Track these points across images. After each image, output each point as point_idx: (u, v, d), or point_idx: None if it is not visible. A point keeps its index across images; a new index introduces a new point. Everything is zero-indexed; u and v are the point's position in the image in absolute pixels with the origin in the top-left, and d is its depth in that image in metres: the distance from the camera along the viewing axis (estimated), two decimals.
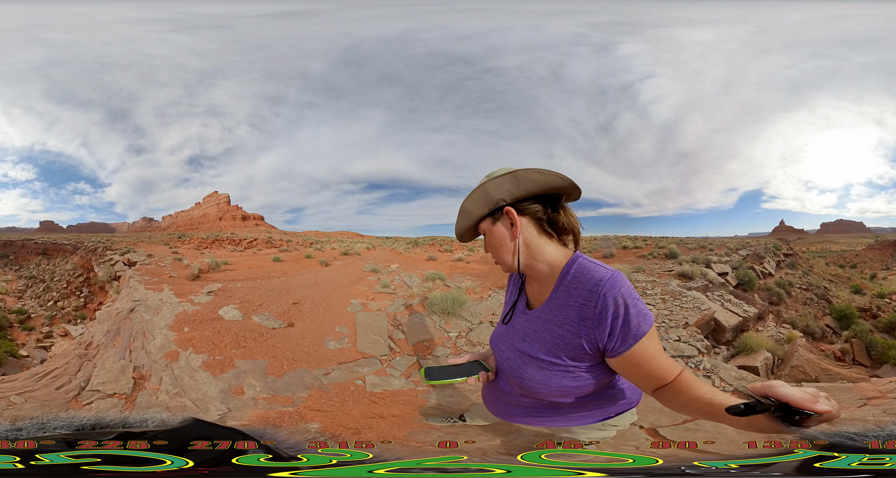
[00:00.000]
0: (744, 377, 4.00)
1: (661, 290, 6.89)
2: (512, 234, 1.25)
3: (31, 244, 15.80)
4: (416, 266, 10.49)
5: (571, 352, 1.18)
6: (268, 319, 5.35)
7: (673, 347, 4.67)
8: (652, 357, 1.13)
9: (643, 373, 1.14)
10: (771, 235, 15.61)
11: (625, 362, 1.14)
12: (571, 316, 1.17)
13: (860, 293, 11.77)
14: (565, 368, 1.19)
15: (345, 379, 3.86)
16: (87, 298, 12.98)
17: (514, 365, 1.28)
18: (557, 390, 1.22)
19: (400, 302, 6.08)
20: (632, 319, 1.10)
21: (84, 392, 3.67)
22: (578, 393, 1.23)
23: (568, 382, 1.20)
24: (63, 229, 16.65)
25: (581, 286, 1.16)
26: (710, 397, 1.03)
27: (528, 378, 1.24)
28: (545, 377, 1.21)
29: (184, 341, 4.45)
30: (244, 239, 15.75)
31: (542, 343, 1.22)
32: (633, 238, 14.23)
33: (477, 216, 1.26)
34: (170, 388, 3.63)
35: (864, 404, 2.98)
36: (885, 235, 15.00)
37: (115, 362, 4.14)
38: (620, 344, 1.11)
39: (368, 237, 18.16)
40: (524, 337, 1.28)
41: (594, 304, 1.12)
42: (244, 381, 3.76)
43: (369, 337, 4.78)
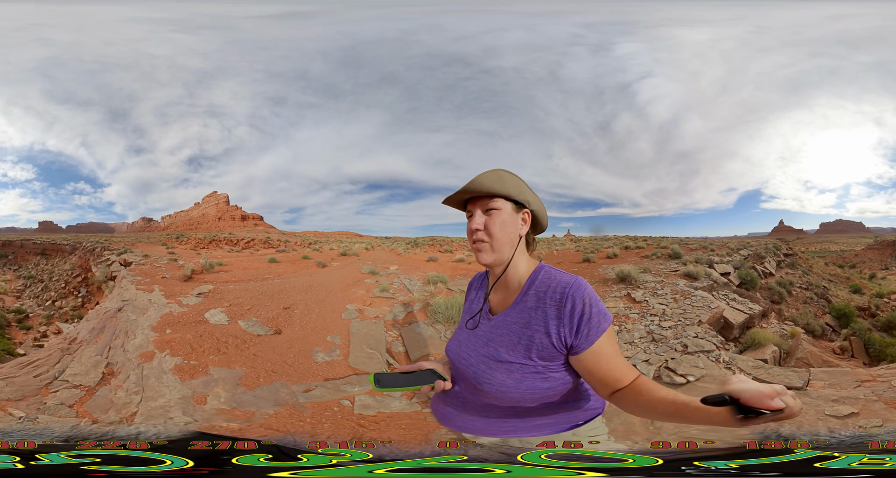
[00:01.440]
0: (761, 365, 4.11)
1: (671, 289, 7.02)
2: (519, 230, 1.30)
3: (30, 244, 15.78)
4: (416, 267, 10.45)
5: (542, 352, 1.21)
6: (254, 324, 5.14)
7: (693, 342, 4.82)
8: (610, 356, 1.18)
9: (603, 372, 1.18)
10: (770, 235, 15.63)
11: (586, 360, 1.19)
12: (541, 316, 1.21)
13: (859, 293, 11.80)
14: (536, 369, 1.21)
15: (328, 398, 3.54)
16: (85, 297, 12.97)
17: (480, 372, 1.27)
18: (529, 393, 1.22)
19: (400, 308, 5.88)
20: (594, 318, 1.17)
21: (55, 382, 3.81)
22: (549, 396, 1.24)
23: (540, 383, 1.22)
24: (62, 229, 16.63)
25: (550, 289, 1.23)
26: (672, 397, 1.06)
27: (499, 383, 1.23)
28: (517, 380, 1.22)
29: (162, 343, 4.37)
30: (241, 239, 15.73)
31: (511, 346, 1.24)
32: (634, 238, 14.24)
33: (506, 192, 1.26)
34: (132, 386, 3.63)
35: (859, 385, 3.40)
36: (884, 234, 15.03)
37: (91, 357, 4.23)
38: (584, 341, 1.17)
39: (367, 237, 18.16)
40: (487, 342, 1.29)
41: (563, 304, 1.19)
42: (211, 389, 3.59)
43: (364, 350, 4.50)
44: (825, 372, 3.79)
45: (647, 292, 6.98)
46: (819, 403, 3.20)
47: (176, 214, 19.21)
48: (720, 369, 4.11)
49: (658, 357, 4.55)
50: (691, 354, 4.54)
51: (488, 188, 1.25)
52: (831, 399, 3.25)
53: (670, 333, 5.18)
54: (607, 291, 7.44)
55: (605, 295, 7.17)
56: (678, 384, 3.96)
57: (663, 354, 4.64)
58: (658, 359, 4.50)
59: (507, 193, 1.25)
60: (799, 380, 3.64)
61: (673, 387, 3.93)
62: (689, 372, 4.04)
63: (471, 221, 1.28)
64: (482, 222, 1.26)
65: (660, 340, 5.03)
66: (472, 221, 1.27)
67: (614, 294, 7.17)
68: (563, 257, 12.13)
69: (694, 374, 4.02)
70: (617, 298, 6.88)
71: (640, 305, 6.41)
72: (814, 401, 3.24)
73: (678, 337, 5.02)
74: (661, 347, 4.83)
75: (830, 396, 3.30)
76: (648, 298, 6.71)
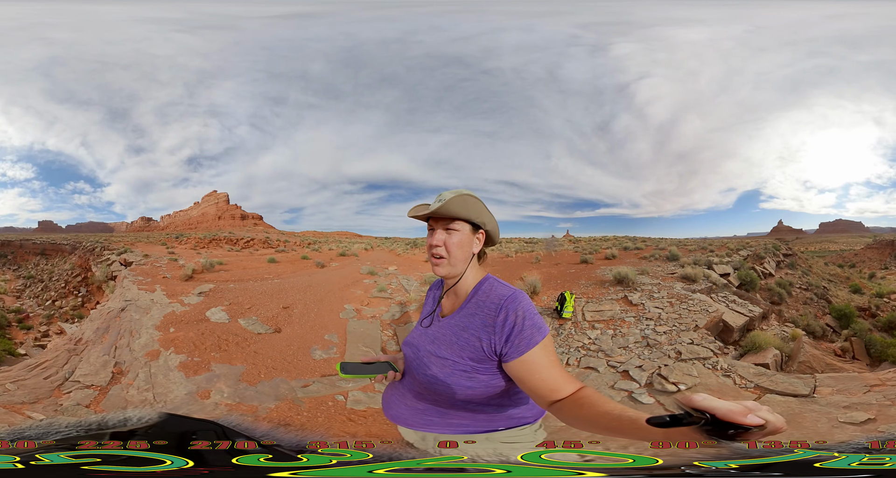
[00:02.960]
0: (763, 372, 4.04)
1: (668, 293, 6.94)
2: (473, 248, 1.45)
3: (30, 244, 15.77)
4: (414, 268, 10.47)
5: (472, 353, 1.34)
6: (254, 323, 5.27)
7: (687, 349, 4.75)
8: (543, 367, 1.26)
9: (535, 382, 1.26)
10: (770, 235, 15.63)
11: (518, 368, 1.28)
12: (477, 323, 1.35)
13: (859, 293, 11.80)
14: (464, 367, 1.34)
15: (324, 393, 3.72)
16: (85, 297, 12.96)
17: (421, 364, 1.43)
18: (452, 389, 1.36)
19: (396, 308, 5.97)
20: (526, 330, 1.27)
21: (66, 383, 3.89)
22: (470, 396, 1.36)
23: (464, 381, 1.34)
24: (62, 229, 16.63)
25: (488, 299, 1.37)
26: (618, 412, 1.07)
27: (431, 375, 1.39)
28: (445, 375, 1.36)
29: (167, 341, 4.47)
30: (241, 239, 15.73)
31: (449, 345, 1.39)
32: (633, 239, 14.25)
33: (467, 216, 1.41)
34: (142, 384, 3.75)
35: (869, 391, 3.31)
36: (883, 234, 15.03)
37: (98, 357, 4.30)
38: (514, 350, 1.27)
39: (367, 237, 18.16)
40: (434, 340, 1.44)
41: (496, 313, 1.32)
42: (214, 385, 3.74)
43: (359, 348, 4.67)
44: (831, 378, 3.72)
45: (644, 295, 6.92)
46: (830, 410, 3.10)
47: (175, 214, 19.21)
48: (717, 378, 4.04)
49: (651, 363, 4.50)
50: (685, 361, 4.48)
51: (454, 213, 1.39)
52: (842, 406, 3.15)
53: (665, 339, 5.14)
54: (604, 293, 7.41)
55: (602, 297, 7.14)
56: (669, 392, 3.89)
57: (657, 360, 4.59)
58: (651, 365, 4.45)
59: (468, 218, 1.40)
60: (805, 387, 3.55)
61: (664, 395, 3.87)
62: (681, 380, 3.99)
63: (432, 236, 1.43)
64: (442, 240, 1.42)
65: (654, 345, 4.99)
66: (434, 236, 1.42)
67: (611, 296, 7.13)
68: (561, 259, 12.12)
69: (686, 382, 3.96)
70: (613, 301, 6.85)
71: (637, 309, 6.37)
72: (824, 408, 3.15)
73: (672, 343, 4.98)
74: (656, 352, 4.80)
75: (841, 402, 3.20)
76: (645, 301, 6.66)
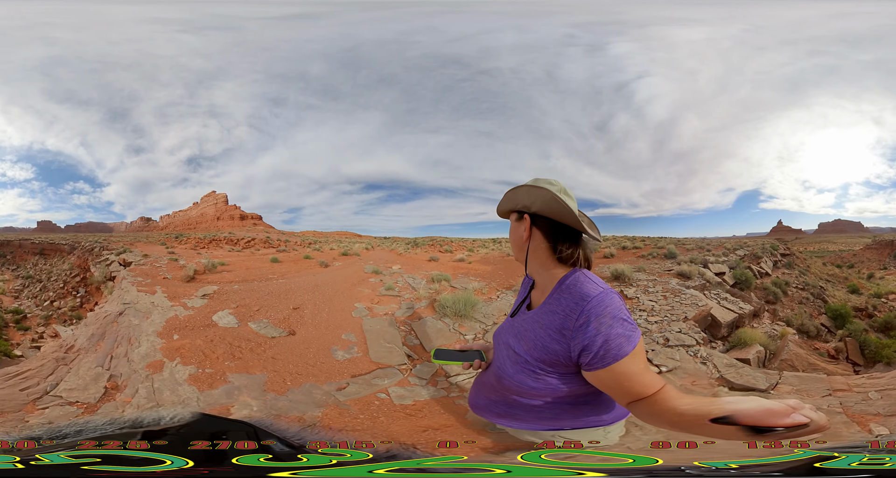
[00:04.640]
0: (734, 364, 4.20)
1: (662, 288, 7.15)
2: (525, 236, 1.38)
3: (29, 244, 15.74)
4: (417, 267, 10.46)
5: (544, 355, 1.24)
6: (266, 326, 4.98)
7: (675, 337, 5.00)
8: (632, 375, 1.15)
9: (621, 389, 1.17)
10: (769, 235, 15.65)
11: (602, 378, 1.18)
12: (555, 323, 1.23)
13: (857, 293, 11.82)
14: (533, 368, 1.27)
15: (364, 393, 3.43)
16: (84, 298, 12.94)
17: (501, 357, 1.41)
18: (517, 386, 1.31)
19: (406, 305, 5.90)
20: (612, 340, 1.14)
21: (45, 397, 3.40)
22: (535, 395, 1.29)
23: (530, 381, 1.28)
24: (61, 229, 16.59)
25: (570, 297, 1.23)
26: (684, 409, 1.04)
27: (503, 369, 1.36)
28: (514, 371, 1.32)
29: (171, 350, 4.06)
30: (242, 239, 15.72)
31: (526, 341, 1.31)
32: (632, 238, 14.25)
33: (506, 209, 1.46)
34: (143, 402, 3.27)
35: (829, 394, 3.18)
36: (882, 234, 15.05)
37: (90, 369, 3.86)
38: (598, 361, 1.15)
39: (366, 237, 18.15)
40: (517, 334, 1.37)
41: (576, 316, 1.18)
42: (237, 398, 3.33)
43: (382, 345, 4.46)
44: (797, 377, 3.67)
45: (639, 290, 7.10)
46: None
47: (174, 214, 19.18)
48: (695, 364, 4.29)
49: None
50: (671, 347, 4.72)
51: (500, 209, 1.49)
52: None
53: (655, 328, 5.38)
54: None
55: None
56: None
57: (647, 345, 4.80)
58: None
59: (506, 209, 1.46)
60: (765, 382, 3.56)
61: None
62: (663, 363, 4.31)
63: None
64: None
65: (645, 333, 5.22)
66: None
67: None
68: None
69: (668, 365, 4.29)
70: None
71: (632, 302, 6.55)
72: None
73: (662, 331, 5.22)
74: (646, 339, 5.02)
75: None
76: (640, 295, 6.83)
